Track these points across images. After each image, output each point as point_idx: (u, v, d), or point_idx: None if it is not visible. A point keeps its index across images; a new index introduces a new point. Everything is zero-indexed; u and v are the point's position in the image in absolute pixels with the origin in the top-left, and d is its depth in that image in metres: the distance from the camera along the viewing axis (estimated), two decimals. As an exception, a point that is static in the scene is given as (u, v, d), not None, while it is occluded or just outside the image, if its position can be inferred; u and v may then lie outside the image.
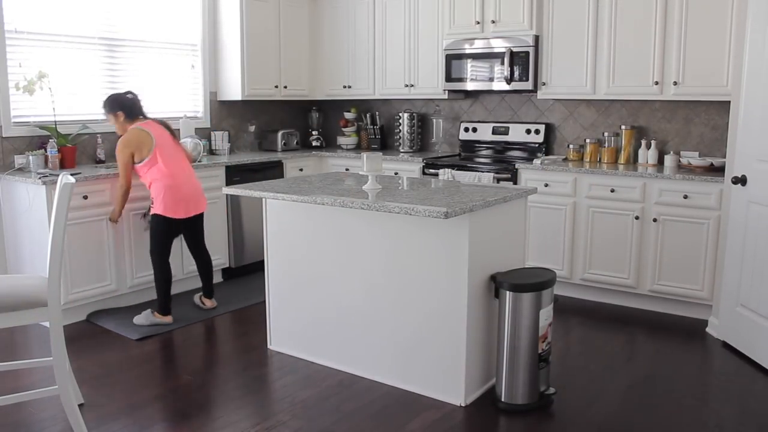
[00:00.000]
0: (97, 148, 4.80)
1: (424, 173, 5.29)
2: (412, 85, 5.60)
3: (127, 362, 3.65)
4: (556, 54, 4.84)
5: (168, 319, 4.23)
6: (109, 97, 4.22)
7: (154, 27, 5.22)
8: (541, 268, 3.24)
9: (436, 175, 5.14)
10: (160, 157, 4.09)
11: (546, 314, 3.04)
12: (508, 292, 3.02)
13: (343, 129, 6.29)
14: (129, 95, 4.21)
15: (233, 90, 5.60)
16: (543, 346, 3.05)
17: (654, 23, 4.41)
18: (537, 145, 5.26)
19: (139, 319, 4.20)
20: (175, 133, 4.33)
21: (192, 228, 4.37)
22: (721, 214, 4.02)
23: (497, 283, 3.10)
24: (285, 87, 5.89)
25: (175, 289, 4.50)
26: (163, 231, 4.18)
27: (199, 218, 4.36)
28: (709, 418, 3.00)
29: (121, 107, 4.16)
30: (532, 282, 3.00)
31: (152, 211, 4.17)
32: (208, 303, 4.51)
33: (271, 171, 5.47)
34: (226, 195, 5.05)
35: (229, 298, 4.74)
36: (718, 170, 4.22)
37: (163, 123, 4.27)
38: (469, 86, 5.23)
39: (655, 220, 4.30)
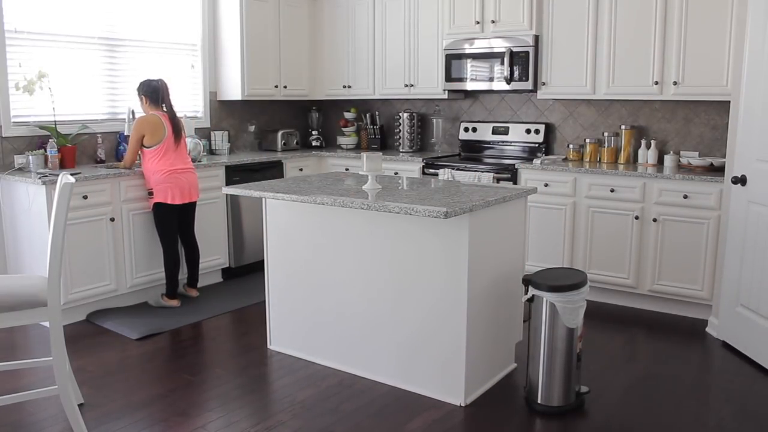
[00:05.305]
0: (97, 148, 4.80)
1: (424, 173, 5.29)
2: (412, 85, 5.60)
3: (127, 362, 3.65)
4: (555, 54, 4.84)
5: (175, 302, 4.50)
6: (143, 80, 4.49)
7: (154, 27, 5.21)
8: (566, 268, 3.24)
9: (436, 175, 5.14)
10: (165, 149, 4.35)
11: (582, 313, 3.02)
12: (546, 294, 2.98)
13: (343, 129, 6.28)
14: (155, 83, 4.44)
15: (233, 90, 5.60)
16: (579, 345, 3.05)
17: (654, 23, 4.41)
18: (537, 145, 5.26)
19: (151, 300, 4.56)
20: (181, 128, 4.50)
21: (184, 215, 4.59)
22: (721, 214, 4.02)
23: (533, 285, 3.02)
24: (285, 87, 5.89)
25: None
26: (166, 218, 4.43)
27: (191, 207, 4.61)
28: (709, 418, 3.00)
29: (145, 92, 4.43)
30: (570, 282, 2.98)
31: (152, 200, 4.40)
32: (192, 292, 4.71)
33: (271, 171, 5.47)
34: (226, 195, 5.05)
35: (229, 298, 4.74)
36: (718, 170, 4.22)
37: (172, 118, 4.44)
38: (469, 86, 5.23)
39: (655, 220, 4.30)
